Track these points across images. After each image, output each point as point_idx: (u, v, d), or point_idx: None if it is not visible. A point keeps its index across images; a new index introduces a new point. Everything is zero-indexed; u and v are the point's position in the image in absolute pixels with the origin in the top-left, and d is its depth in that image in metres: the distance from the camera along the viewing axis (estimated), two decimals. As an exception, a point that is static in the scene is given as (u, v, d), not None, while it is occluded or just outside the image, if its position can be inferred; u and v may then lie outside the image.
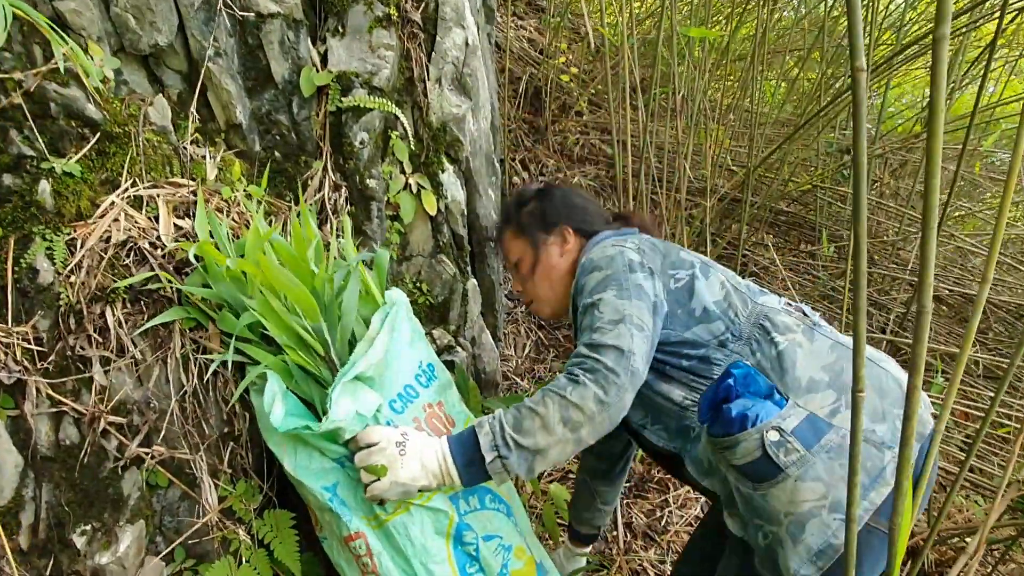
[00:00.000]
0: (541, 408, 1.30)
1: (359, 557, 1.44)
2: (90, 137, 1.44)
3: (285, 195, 1.74)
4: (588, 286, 1.45)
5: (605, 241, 1.57)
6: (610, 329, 1.34)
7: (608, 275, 1.43)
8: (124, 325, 1.35)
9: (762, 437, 1.31)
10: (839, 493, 1.28)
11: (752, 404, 1.34)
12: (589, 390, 1.29)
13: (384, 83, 1.76)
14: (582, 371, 1.31)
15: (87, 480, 1.37)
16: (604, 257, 1.48)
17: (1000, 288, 3.02)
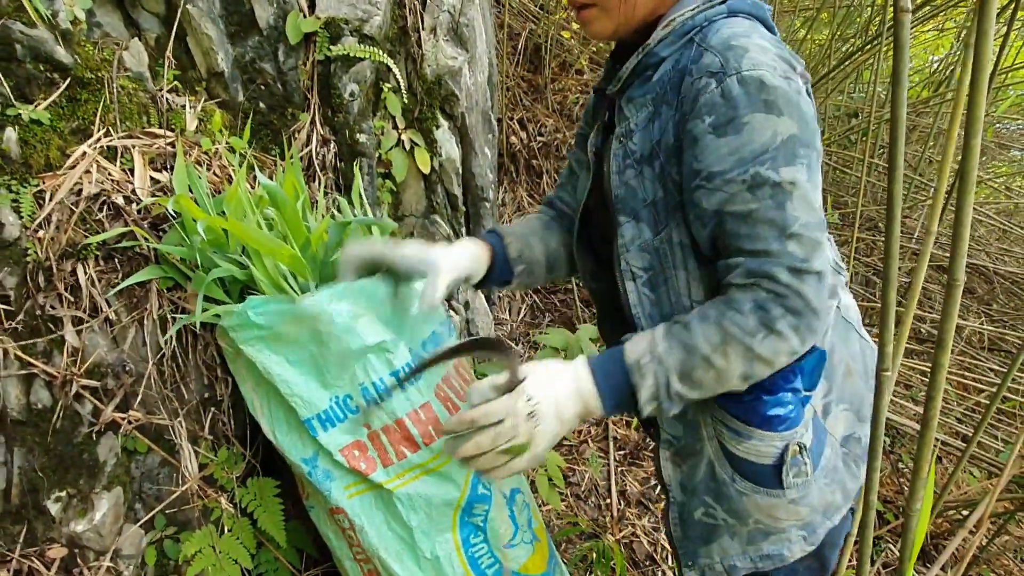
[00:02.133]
0: (720, 360, 1.01)
1: (344, 530, 1.39)
2: (60, 83, 1.35)
3: (271, 149, 1.65)
4: (753, 139, 0.98)
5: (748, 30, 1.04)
6: (812, 243, 0.98)
7: (792, 135, 0.98)
8: (97, 284, 1.28)
9: (784, 449, 1.10)
10: (817, 517, 1.17)
11: (793, 404, 1.10)
12: (787, 343, 0.99)
13: (376, 31, 1.66)
14: (782, 312, 0.98)
15: (61, 445, 1.30)
16: (777, 88, 0.98)
17: (1007, 259, 2.96)
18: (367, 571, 1.41)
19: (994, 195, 3.49)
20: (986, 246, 3.07)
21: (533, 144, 3.53)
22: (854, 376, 1.19)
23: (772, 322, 0.98)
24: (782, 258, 0.97)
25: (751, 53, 0.99)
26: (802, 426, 1.11)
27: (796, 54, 1.07)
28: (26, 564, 1.27)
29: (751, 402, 1.09)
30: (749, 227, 0.99)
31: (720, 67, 1.00)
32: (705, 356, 1.01)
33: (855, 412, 1.19)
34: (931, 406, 0.90)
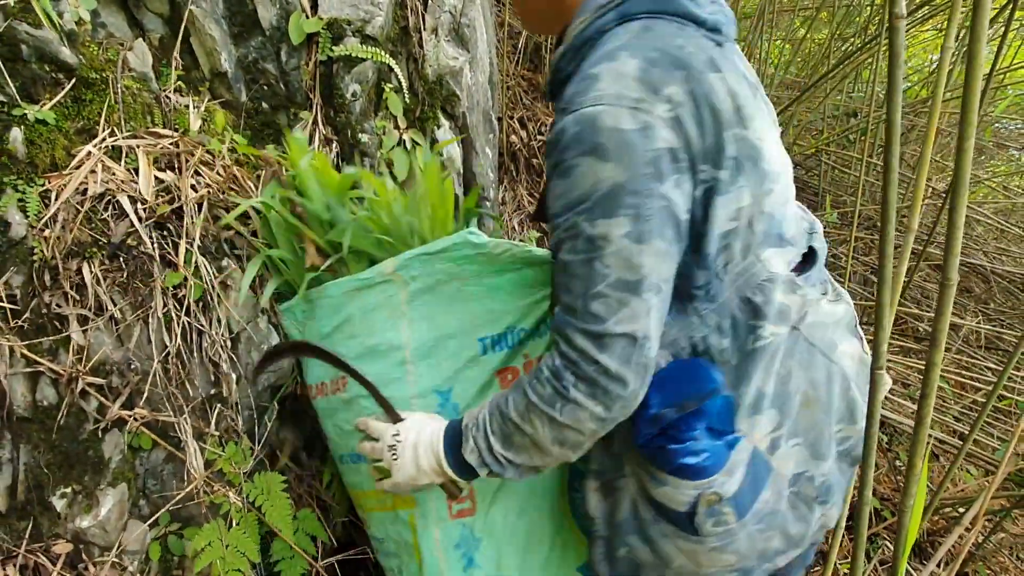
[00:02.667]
0: (528, 427, 1.01)
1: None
2: (65, 83, 1.36)
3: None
4: (575, 185, 0.93)
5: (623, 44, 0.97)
6: (618, 304, 0.93)
7: (616, 184, 0.90)
8: (103, 282, 1.29)
9: (698, 498, 1.03)
10: (749, 563, 1.08)
11: (709, 452, 1.02)
12: (584, 411, 0.96)
13: (378, 32, 1.67)
14: (575, 380, 0.96)
15: (66, 442, 1.32)
16: (612, 130, 0.90)
17: (1004, 258, 2.98)
18: (457, 512, 1.37)
19: (992, 194, 3.51)
20: (984, 245, 3.09)
21: (533, 143, 3.53)
22: (813, 407, 1.08)
23: (566, 391, 0.96)
24: (581, 319, 0.94)
25: (600, 84, 0.93)
26: (723, 474, 1.03)
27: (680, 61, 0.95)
28: (32, 560, 1.29)
29: (659, 449, 1.04)
30: (565, 278, 0.97)
31: (567, 101, 0.95)
32: (516, 423, 1.02)
33: (809, 447, 1.08)
34: (924, 404, 0.91)
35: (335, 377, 1.39)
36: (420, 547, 1.38)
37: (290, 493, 1.67)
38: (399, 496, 1.38)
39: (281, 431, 1.70)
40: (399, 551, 1.44)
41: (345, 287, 1.34)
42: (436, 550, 1.38)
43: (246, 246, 1.51)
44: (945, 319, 0.88)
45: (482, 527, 1.37)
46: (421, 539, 1.38)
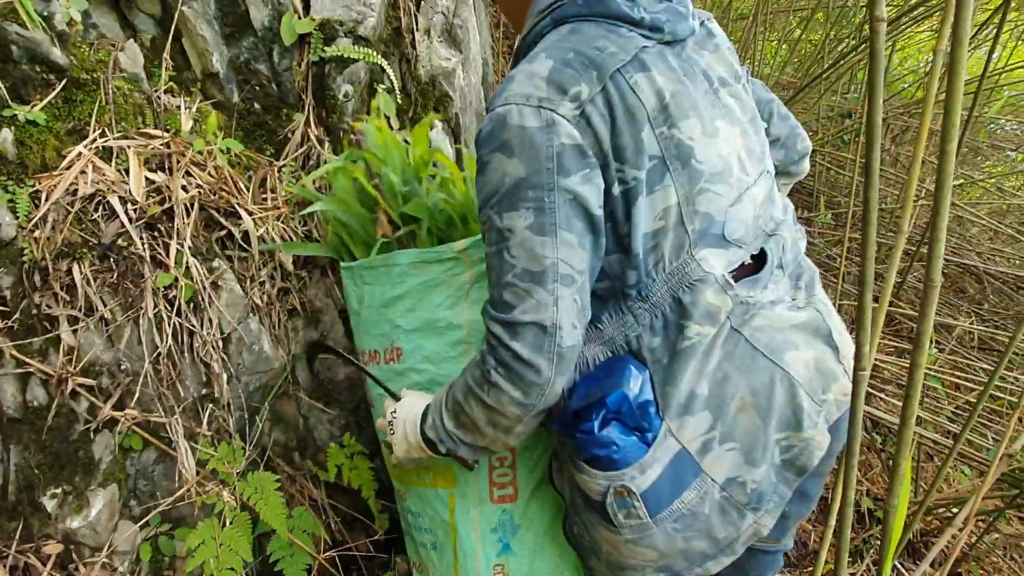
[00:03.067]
0: (467, 408, 1.07)
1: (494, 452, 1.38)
2: (56, 83, 1.37)
3: (265, 149, 1.67)
4: (488, 181, 0.98)
5: (548, 46, 1.01)
6: (524, 294, 0.97)
7: (519, 179, 0.95)
8: (92, 283, 1.29)
9: (608, 489, 1.05)
10: (673, 562, 1.09)
11: (619, 444, 1.04)
12: (504, 394, 1.01)
13: (370, 33, 1.67)
14: (494, 364, 1.01)
15: (57, 442, 1.32)
16: (517, 127, 0.95)
17: (998, 259, 2.98)
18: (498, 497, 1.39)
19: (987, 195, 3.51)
20: (977, 246, 3.10)
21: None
22: (750, 412, 1.06)
23: (488, 375, 1.01)
24: (496, 308, 1.00)
25: (513, 84, 0.97)
26: (634, 469, 1.03)
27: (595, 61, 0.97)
28: (22, 560, 1.29)
29: (572, 437, 1.07)
30: (487, 270, 1.03)
31: (489, 102, 1.00)
32: (459, 404, 1.08)
33: (744, 453, 1.06)
34: (908, 404, 0.92)
35: (387, 347, 1.43)
36: (456, 526, 1.41)
37: (283, 493, 1.67)
38: (440, 474, 1.42)
39: (274, 431, 1.70)
40: (434, 527, 1.46)
41: (414, 258, 1.37)
42: (473, 531, 1.39)
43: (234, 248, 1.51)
44: (928, 320, 0.88)
45: (521, 515, 1.38)
46: (458, 519, 1.40)
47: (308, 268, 1.68)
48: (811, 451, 1.07)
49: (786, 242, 1.15)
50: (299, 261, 1.65)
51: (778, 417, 1.05)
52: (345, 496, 1.81)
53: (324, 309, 1.72)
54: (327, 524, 1.78)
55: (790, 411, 1.06)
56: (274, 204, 1.59)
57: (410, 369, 1.41)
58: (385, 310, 1.43)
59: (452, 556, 1.43)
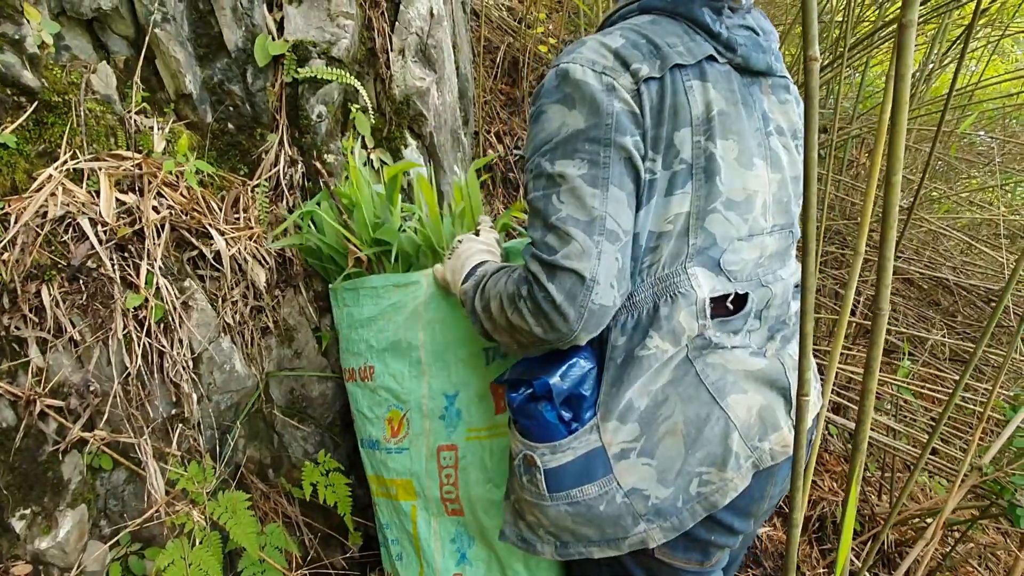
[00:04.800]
0: (494, 305, 1.09)
1: (443, 469, 1.45)
2: (27, 106, 1.37)
3: (239, 169, 1.68)
4: (544, 128, 1.01)
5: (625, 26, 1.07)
6: (568, 237, 0.97)
7: (577, 130, 0.98)
8: (61, 305, 1.30)
9: (520, 453, 1.15)
10: (560, 534, 1.15)
11: (540, 421, 1.11)
12: (526, 323, 1.02)
13: (343, 54, 1.69)
14: (526, 295, 1.02)
15: (26, 463, 1.32)
16: (579, 82, 0.99)
17: (970, 271, 3.02)
18: (451, 510, 1.47)
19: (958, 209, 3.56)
20: (950, 259, 3.14)
21: (510, 157, 3.56)
22: (677, 439, 1.08)
23: (516, 299, 1.04)
24: (539, 248, 1.01)
25: (583, 49, 1.02)
26: (547, 446, 1.10)
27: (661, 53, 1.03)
28: (-10, 581, 1.29)
29: (509, 399, 1.15)
30: (530, 213, 1.04)
31: (555, 60, 1.04)
32: (489, 296, 1.11)
33: (658, 472, 1.08)
34: (860, 430, 0.94)
35: (362, 365, 1.54)
36: (419, 536, 1.49)
37: (256, 511, 1.68)
38: (402, 487, 1.51)
39: (247, 448, 1.70)
40: (401, 538, 1.56)
41: (384, 282, 1.48)
42: (434, 540, 1.48)
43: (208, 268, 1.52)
44: (878, 348, 0.90)
45: (474, 528, 1.45)
46: (420, 530, 1.49)
47: (282, 287, 1.69)
48: (725, 491, 1.09)
49: (775, 298, 1.17)
50: (273, 280, 1.66)
51: (705, 452, 1.08)
52: (319, 513, 1.81)
53: (298, 327, 1.73)
54: (301, 541, 1.79)
55: (720, 450, 1.08)
56: (247, 224, 1.60)
57: (380, 387, 1.51)
58: (361, 330, 1.53)
59: (417, 566, 1.50)
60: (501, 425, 1.40)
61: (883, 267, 0.85)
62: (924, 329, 2.85)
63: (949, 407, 1.64)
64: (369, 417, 1.56)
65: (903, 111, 0.77)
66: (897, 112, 0.76)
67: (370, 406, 1.55)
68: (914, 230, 3.06)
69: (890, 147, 0.80)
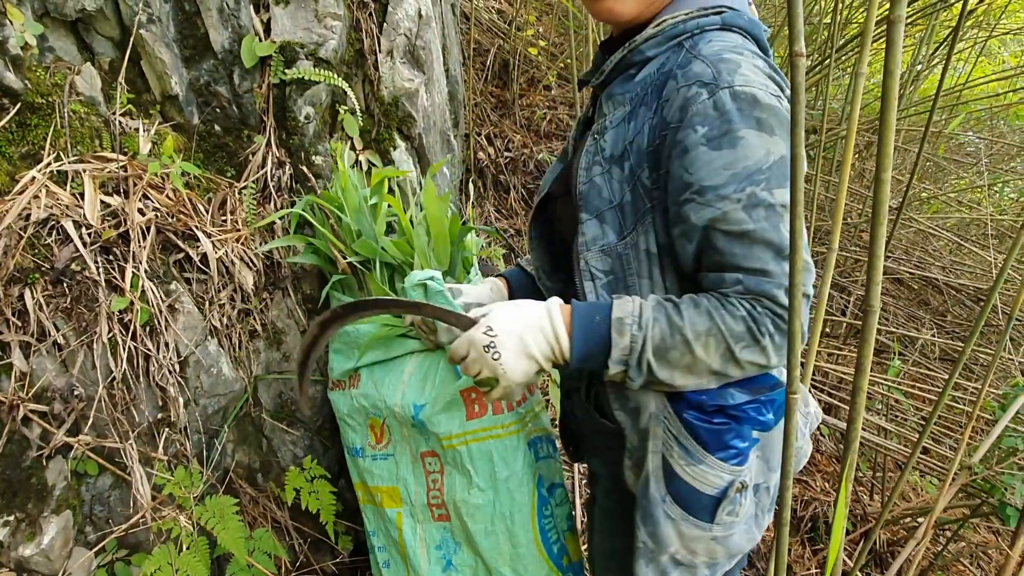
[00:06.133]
0: (699, 349, 1.00)
1: (429, 474, 1.44)
2: (10, 108, 1.36)
3: (226, 171, 1.67)
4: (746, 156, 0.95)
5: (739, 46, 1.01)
6: (807, 265, 1.00)
7: (784, 156, 0.96)
8: (45, 308, 1.29)
9: (730, 484, 1.08)
10: (724, 560, 1.14)
11: (750, 442, 1.08)
12: (766, 357, 1.00)
13: (331, 55, 1.68)
14: (774, 329, 0.98)
15: (9, 469, 1.31)
16: (773, 107, 0.96)
17: (959, 271, 3.04)
18: (437, 516, 1.46)
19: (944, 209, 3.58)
20: (940, 259, 3.15)
21: (500, 160, 3.56)
22: None
23: (760, 336, 0.98)
24: (780, 278, 0.97)
25: (743, 69, 0.97)
26: (747, 466, 1.09)
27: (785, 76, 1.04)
28: (-27, 590, 1.27)
29: (717, 427, 1.06)
30: (744, 247, 0.97)
31: (712, 78, 0.97)
32: (687, 340, 1.00)
33: (765, 461, 1.13)
34: (852, 428, 0.94)
35: (349, 373, 1.54)
36: (405, 543, 1.48)
37: (244, 515, 1.66)
38: (387, 495, 1.49)
39: (236, 453, 1.69)
40: (388, 545, 1.55)
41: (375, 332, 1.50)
42: (419, 547, 1.47)
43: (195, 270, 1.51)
44: (869, 346, 0.90)
45: (460, 534, 1.43)
46: (406, 536, 1.48)
47: (270, 289, 1.68)
48: (799, 459, 1.17)
49: None
50: (260, 282, 1.65)
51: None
52: (309, 517, 1.80)
53: (286, 330, 1.72)
54: (290, 546, 1.77)
55: None
56: (234, 226, 1.59)
57: (361, 394, 1.51)
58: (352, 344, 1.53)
59: (404, 572, 1.49)
60: (478, 431, 1.37)
61: (873, 265, 0.85)
62: (914, 329, 2.86)
63: (939, 407, 1.64)
64: (351, 424, 1.55)
65: (892, 108, 0.77)
66: (886, 109, 0.76)
67: (350, 413, 1.55)
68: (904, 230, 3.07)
69: (879, 144, 0.80)
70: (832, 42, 2.43)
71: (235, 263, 1.56)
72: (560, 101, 4.05)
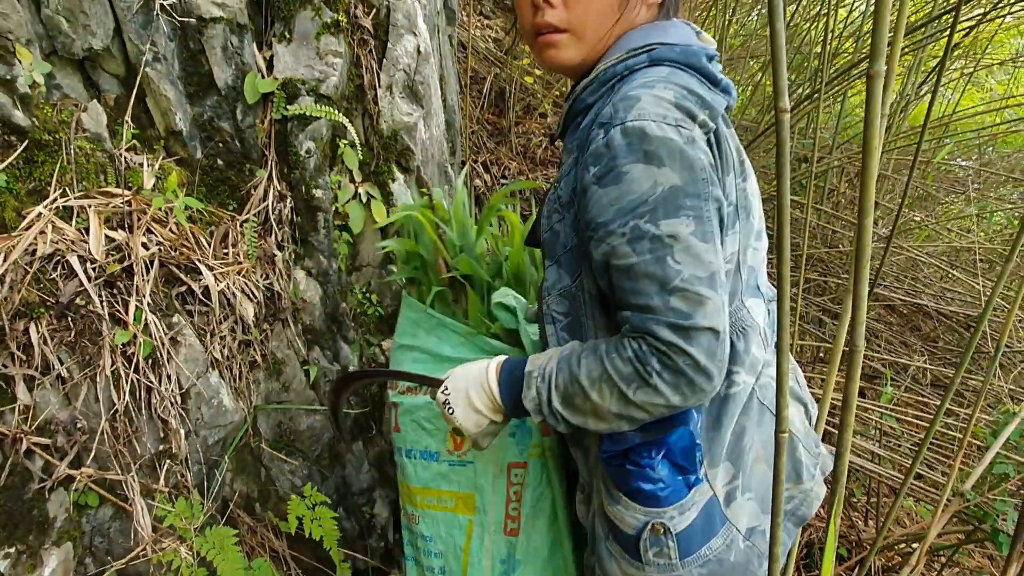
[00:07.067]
0: (595, 395, 1.01)
1: (512, 485, 1.45)
2: (17, 145, 1.39)
3: (228, 204, 1.70)
4: (632, 190, 0.96)
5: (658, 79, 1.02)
6: (698, 299, 0.95)
7: (675, 187, 0.95)
8: (49, 342, 1.31)
9: (645, 525, 1.08)
10: None
11: (667, 483, 1.07)
12: (661, 397, 0.97)
13: (332, 91, 1.72)
14: (661, 367, 0.96)
15: (10, 502, 1.32)
16: (661, 139, 0.95)
17: (950, 297, 3.08)
18: (509, 529, 1.46)
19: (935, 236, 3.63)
20: (930, 285, 3.20)
21: (497, 187, 3.60)
22: (763, 464, 1.13)
23: (648, 375, 0.97)
24: (664, 314, 0.96)
25: (641, 103, 0.97)
26: (675, 508, 1.07)
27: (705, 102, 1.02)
28: (-27, 623, 1.28)
29: (618, 468, 1.09)
30: (631, 281, 0.98)
31: (609, 117, 0.99)
32: (584, 388, 1.03)
33: (760, 502, 1.12)
34: (840, 463, 0.96)
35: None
36: (471, 553, 1.47)
37: (243, 545, 1.67)
38: (462, 500, 1.48)
39: (235, 482, 1.70)
40: (447, 552, 1.52)
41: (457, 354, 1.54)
42: (485, 559, 1.47)
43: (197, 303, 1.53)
44: (854, 384, 0.93)
45: (523, 551, 1.45)
46: (473, 546, 1.47)
47: (270, 320, 1.71)
48: (810, 502, 1.16)
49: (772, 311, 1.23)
50: (261, 313, 1.67)
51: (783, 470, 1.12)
52: (307, 547, 1.81)
53: (286, 360, 1.74)
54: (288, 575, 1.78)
55: (791, 465, 1.14)
56: (236, 259, 1.61)
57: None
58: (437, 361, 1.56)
59: None
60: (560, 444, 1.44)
61: (857, 306, 0.88)
62: (906, 356, 2.89)
63: (931, 433, 1.67)
64: (428, 428, 1.53)
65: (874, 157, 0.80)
66: (868, 156, 0.80)
67: (429, 418, 1.53)
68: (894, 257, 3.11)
69: (861, 191, 0.83)
70: (823, 74, 2.48)
71: (236, 295, 1.59)
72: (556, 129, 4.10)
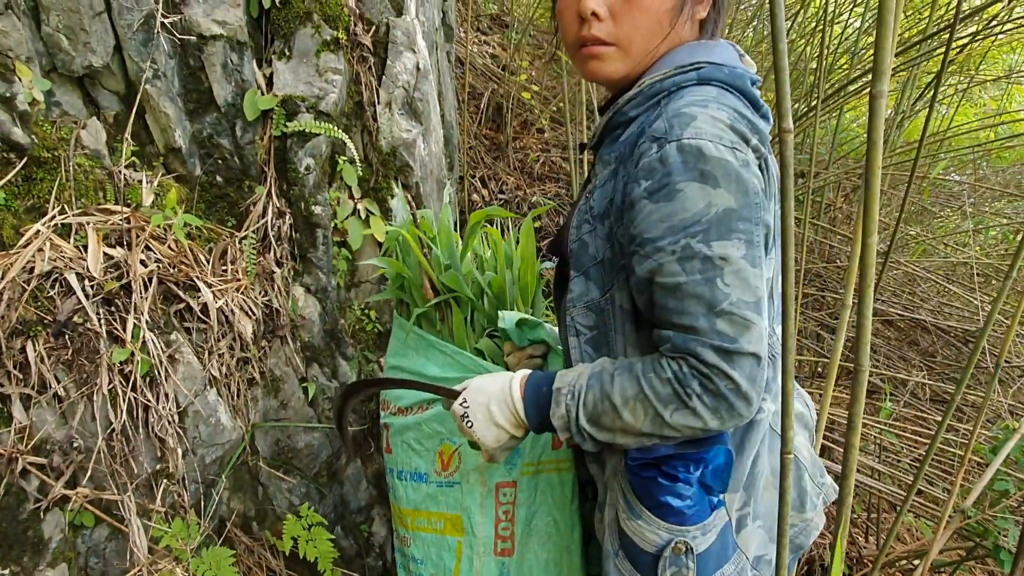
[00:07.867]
0: (628, 414, 1.00)
1: (501, 505, 1.43)
2: (16, 162, 1.39)
3: (227, 221, 1.69)
4: (685, 208, 0.95)
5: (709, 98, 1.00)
6: (745, 321, 0.94)
7: (729, 209, 0.94)
8: (46, 360, 1.30)
9: (668, 543, 1.05)
10: None
11: (694, 501, 1.05)
12: (700, 419, 0.96)
13: (331, 108, 1.73)
14: (702, 390, 0.95)
15: (5, 522, 1.30)
16: (718, 159, 0.94)
17: (948, 312, 3.08)
18: (501, 549, 1.44)
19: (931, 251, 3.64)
20: (928, 300, 3.20)
21: (495, 202, 3.61)
22: (771, 491, 1.12)
23: (688, 397, 0.96)
24: (709, 337, 0.94)
25: (697, 121, 0.96)
26: (699, 528, 1.05)
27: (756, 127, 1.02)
28: (-35, 646, 1.26)
29: (647, 479, 1.06)
30: (677, 300, 0.96)
31: (664, 132, 0.97)
32: (616, 406, 1.01)
33: (768, 531, 1.10)
34: (845, 484, 0.96)
35: (418, 402, 1.52)
36: (460, 572, 1.45)
37: (240, 565, 1.65)
38: (451, 522, 1.46)
39: (232, 501, 1.69)
40: (438, 573, 1.50)
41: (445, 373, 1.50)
42: None
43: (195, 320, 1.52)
44: (860, 404, 0.92)
45: (517, 570, 1.43)
46: (463, 569, 1.44)
47: (268, 337, 1.70)
48: (809, 531, 1.15)
49: None
50: (259, 331, 1.66)
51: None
52: (303, 566, 1.79)
53: (284, 378, 1.73)
54: (284, 596, 1.76)
55: (795, 493, 1.13)
56: (234, 276, 1.61)
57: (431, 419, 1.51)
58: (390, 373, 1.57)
59: None
60: (556, 461, 1.42)
61: (862, 325, 0.88)
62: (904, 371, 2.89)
63: (932, 450, 1.66)
64: (416, 449, 1.51)
65: (876, 177, 0.80)
66: (871, 176, 0.80)
67: (418, 439, 1.51)
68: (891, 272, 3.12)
69: (864, 210, 0.83)
70: (819, 89, 2.50)
71: (235, 312, 1.58)
72: (553, 144, 4.11)
